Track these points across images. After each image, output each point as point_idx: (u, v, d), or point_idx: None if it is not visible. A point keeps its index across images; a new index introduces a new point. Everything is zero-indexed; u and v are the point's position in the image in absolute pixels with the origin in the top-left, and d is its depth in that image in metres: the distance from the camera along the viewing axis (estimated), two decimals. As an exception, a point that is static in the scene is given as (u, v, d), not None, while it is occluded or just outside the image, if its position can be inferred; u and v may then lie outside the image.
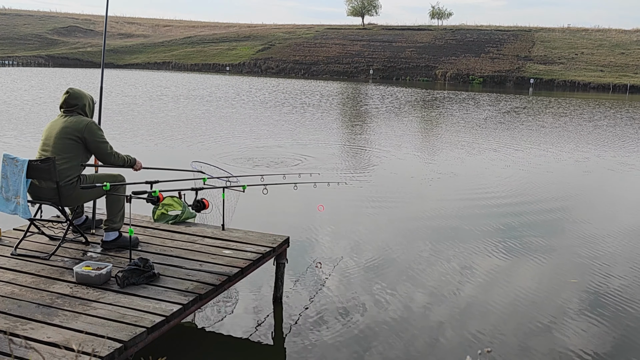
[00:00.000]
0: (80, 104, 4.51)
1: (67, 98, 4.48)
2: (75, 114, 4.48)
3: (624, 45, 58.30)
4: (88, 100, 4.60)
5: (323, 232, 6.89)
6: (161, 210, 5.30)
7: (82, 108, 4.52)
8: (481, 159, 12.37)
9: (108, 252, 4.41)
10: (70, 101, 4.48)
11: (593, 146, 14.85)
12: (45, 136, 4.43)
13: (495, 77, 51.53)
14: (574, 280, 5.59)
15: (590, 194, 9.72)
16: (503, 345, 4.30)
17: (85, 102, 4.56)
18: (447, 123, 19.75)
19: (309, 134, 15.50)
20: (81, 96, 4.54)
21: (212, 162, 7.58)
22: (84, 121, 4.42)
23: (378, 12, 79.46)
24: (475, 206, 8.40)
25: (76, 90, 4.57)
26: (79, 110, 4.51)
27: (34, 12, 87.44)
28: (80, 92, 4.58)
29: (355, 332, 4.42)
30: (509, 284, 5.50)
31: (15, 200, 4.18)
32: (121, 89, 29.68)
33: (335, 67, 57.53)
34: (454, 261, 6.02)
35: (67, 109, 4.48)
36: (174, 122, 16.77)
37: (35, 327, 3.18)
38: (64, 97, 4.49)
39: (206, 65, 61.41)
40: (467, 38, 64.24)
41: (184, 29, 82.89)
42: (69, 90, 4.53)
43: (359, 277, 5.51)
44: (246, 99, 26.02)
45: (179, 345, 4.13)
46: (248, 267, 4.28)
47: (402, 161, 11.91)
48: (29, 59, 59.82)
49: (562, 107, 27.70)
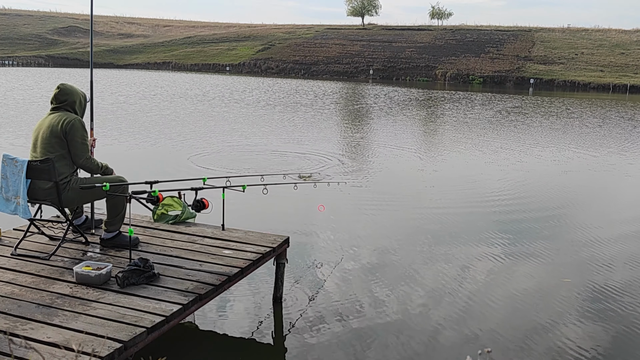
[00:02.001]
0: (70, 100, 4.39)
1: (57, 93, 4.38)
2: (63, 110, 4.36)
3: (624, 45, 58.30)
4: (80, 97, 4.47)
5: (323, 232, 6.89)
6: (161, 210, 5.30)
7: (72, 105, 4.40)
8: (479, 159, 12.37)
9: (108, 252, 4.41)
10: (60, 97, 4.38)
11: (589, 146, 14.87)
12: (35, 136, 4.37)
13: (495, 77, 51.53)
14: (567, 280, 5.60)
15: (587, 194, 9.73)
16: (503, 345, 4.30)
17: (76, 98, 4.42)
18: (439, 122, 19.79)
19: (296, 133, 15.50)
20: (72, 92, 4.41)
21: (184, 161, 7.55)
22: (69, 117, 4.29)
23: (378, 12, 79.47)
24: (475, 206, 8.40)
25: (67, 86, 4.45)
26: (68, 106, 4.38)
27: (34, 12, 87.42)
28: (72, 88, 4.45)
29: (355, 332, 4.42)
30: (508, 283, 5.50)
31: (15, 200, 4.18)
32: (116, 88, 29.71)
33: (335, 67, 57.52)
34: (453, 261, 6.02)
35: (56, 104, 4.38)
36: (161, 121, 16.81)
37: (35, 327, 3.18)
38: (55, 92, 4.39)
39: (206, 65, 61.41)
40: (467, 38, 64.22)
41: (184, 29, 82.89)
42: (60, 86, 4.42)
43: (359, 277, 5.51)
44: (238, 99, 26.02)
45: (179, 345, 4.13)
46: (248, 267, 4.28)
47: (401, 161, 11.91)
48: (29, 59, 59.82)
49: (554, 107, 27.83)
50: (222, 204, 4.88)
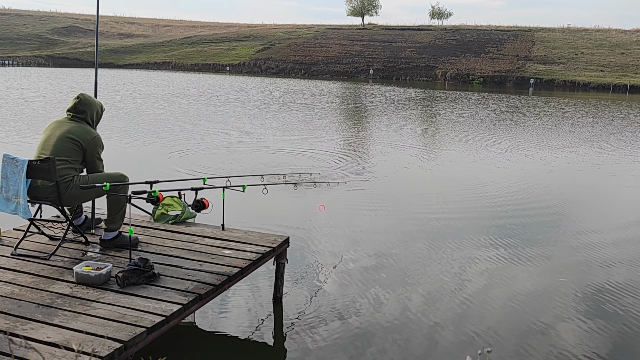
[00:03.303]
0: (89, 112, 4.51)
1: (76, 103, 4.48)
2: (83, 122, 4.47)
3: (624, 45, 58.31)
4: (97, 108, 4.60)
5: (323, 232, 6.88)
6: (161, 210, 5.30)
7: (90, 116, 4.53)
8: (475, 159, 12.38)
9: (108, 252, 4.41)
10: (79, 107, 4.48)
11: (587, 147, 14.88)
12: (47, 135, 4.41)
13: (495, 77, 51.55)
14: (563, 279, 5.60)
15: (583, 194, 9.74)
16: (503, 345, 4.30)
17: (94, 110, 4.56)
18: (439, 122, 19.79)
19: (295, 132, 15.51)
20: (91, 104, 4.53)
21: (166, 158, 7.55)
22: (92, 133, 4.45)
23: (378, 12, 79.59)
24: (475, 205, 8.40)
25: (87, 97, 4.54)
26: (87, 118, 4.50)
27: (34, 12, 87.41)
28: (90, 99, 4.56)
29: (355, 332, 4.42)
30: (508, 284, 5.50)
31: (15, 200, 4.18)
32: (112, 88, 29.72)
33: (335, 67, 57.54)
34: (453, 261, 6.02)
35: (74, 114, 4.48)
36: (151, 119, 16.83)
37: (35, 327, 3.18)
38: (74, 102, 4.48)
39: (206, 65, 61.43)
40: (467, 38, 64.24)
41: (184, 29, 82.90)
42: (80, 96, 4.51)
43: (359, 278, 5.51)
44: (232, 98, 26.02)
45: (179, 345, 4.13)
46: (248, 267, 4.28)
47: (401, 160, 11.91)
48: (29, 59, 59.82)
49: (547, 106, 27.87)
50: (222, 204, 4.88)
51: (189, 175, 8.95)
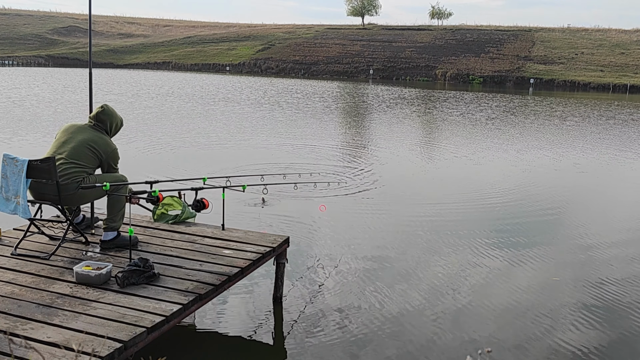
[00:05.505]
0: (110, 123, 4.67)
1: (99, 112, 4.64)
2: (102, 131, 4.62)
3: (624, 45, 58.29)
4: (117, 121, 4.77)
5: (323, 232, 6.88)
6: (161, 210, 5.30)
7: (110, 126, 4.69)
8: (475, 159, 12.38)
9: (108, 252, 4.41)
10: (101, 116, 4.63)
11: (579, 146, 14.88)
12: (66, 138, 4.48)
13: (495, 77, 51.53)
14: (556, 278, 5.60)
15: (581, 194, 9.74)
16: (503, 345, 4.30)
17: (115, 122, 4.73)
18: (439, 122, 19.80)
19: (294, 132, 15.51)
20: (112, 115, 4.70)
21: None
22: (112, 146, 4.59)
23: (378, 12, 79.47)
24: (475, 205, 8.40)
25: (110, 108, 4.71)
26: (107, 127, 4.66)
27: (34, 12, 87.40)
28: (113, 111, 4.73)
29: (355, 332, 4.42)
30: (508, 284, 5.50)
31: (15, 200, 4.18)
32: (111, 87, 29.72)
33: (335, 67, 57.53)
34: (453, 261, 6.02)
35: (96, 122, 4.62)
36: (143, 118, 16.82)
37: (35, 327, 3.18)
38: (97, 111, 4.64)
39: (206, 65, 61.41)
40: (467, 38, 64.22)
41: (184, 29, 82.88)
42: (104, 106, 4.69)
43: (359, 277, 5.50)
44: (227, 98, 26.04)
45: (179, 345, 4.13)
46: (248, 267, 4.28)
47: (401, 161, 11.91)
48: (29, 59, 59.81)
49: (539, 106, 27.89)
50: (222, 204, 4.88)
51: (187, 175, 8.94)
